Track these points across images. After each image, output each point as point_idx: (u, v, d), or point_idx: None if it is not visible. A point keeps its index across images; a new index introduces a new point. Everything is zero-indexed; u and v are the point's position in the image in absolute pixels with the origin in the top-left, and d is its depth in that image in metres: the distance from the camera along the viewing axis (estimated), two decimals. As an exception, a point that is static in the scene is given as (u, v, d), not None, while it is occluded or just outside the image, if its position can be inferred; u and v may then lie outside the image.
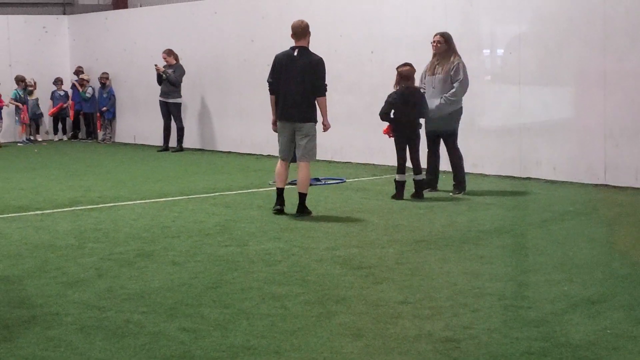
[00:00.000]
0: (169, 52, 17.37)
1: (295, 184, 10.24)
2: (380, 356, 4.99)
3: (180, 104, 17.54)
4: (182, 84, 17.44)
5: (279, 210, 9.73)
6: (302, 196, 9.68)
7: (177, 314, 5.96)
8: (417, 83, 10.92)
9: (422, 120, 10.73)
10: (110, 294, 6.55)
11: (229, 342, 5.31)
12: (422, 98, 10.55)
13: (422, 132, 10.83)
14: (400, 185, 10.63)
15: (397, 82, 10.58)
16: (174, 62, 17.33)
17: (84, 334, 5.58)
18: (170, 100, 17.42)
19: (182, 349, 5.23)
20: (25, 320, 5.91)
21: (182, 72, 17.32)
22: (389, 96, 10.64)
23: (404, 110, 10.51)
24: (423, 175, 10.71)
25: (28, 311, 6.14)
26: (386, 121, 10.72)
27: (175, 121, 17.57)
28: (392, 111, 10.65)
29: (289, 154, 9.84)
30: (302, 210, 9.66)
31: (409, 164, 10.65)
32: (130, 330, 5.63)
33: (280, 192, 9.80)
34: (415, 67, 10.73)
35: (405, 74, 10.51)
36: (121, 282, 6.90)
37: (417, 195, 10.56)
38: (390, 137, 10.84)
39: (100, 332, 5.60)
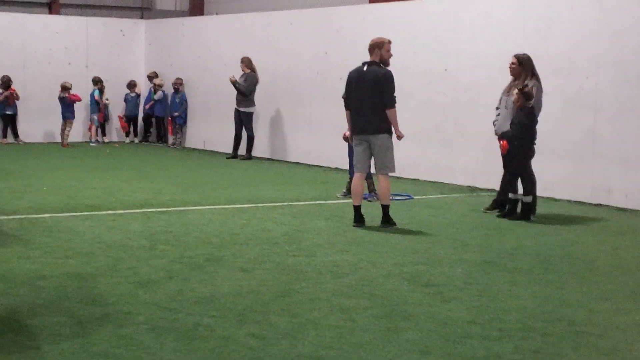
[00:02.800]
0: (243, 60, 17.55)
1: (366, 199, 10.47)
2: (448, 375, 4.99)
3: (252, 113, 17.69)
4: (257, 92, 17.53)
5: (359, 226, 9.86)
6: (385, 208, 9.90)
7: (246, 320, 6.02)
8: (496, 103, 10.95)
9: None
10: (181, 296, 6.64)
11: (297, 351, 5.35)
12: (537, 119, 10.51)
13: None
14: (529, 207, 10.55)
15: (522, 104, 10.36)
16: (247, 70, 17.50)
17: (155, 334, 5.67)
18: (242, 109, 17.59)
19: (251, 355, 5.28)
20: (97, 318, 6.03)
21: (253, 82, 17.45)
22: (530, 117, 10.47)
23: (532, 132, 10.46)
24: (519, 196, 10.62)
25: (100, 309, 6.26)
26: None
27: (245, 130, 17.73)
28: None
29: (365, 166, 9.98)
30: (387, 221, 9.87)
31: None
32: (200, 333, 5.71)
33: (357, 209, 9.93)
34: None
35: (531, 94, 10.36)
36: (191, 285, 7.00)
37: (524, 217, 10.52)
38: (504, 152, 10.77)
39: (171, 333, 5.69)
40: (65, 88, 19.86)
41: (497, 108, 11.02)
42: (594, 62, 12.04)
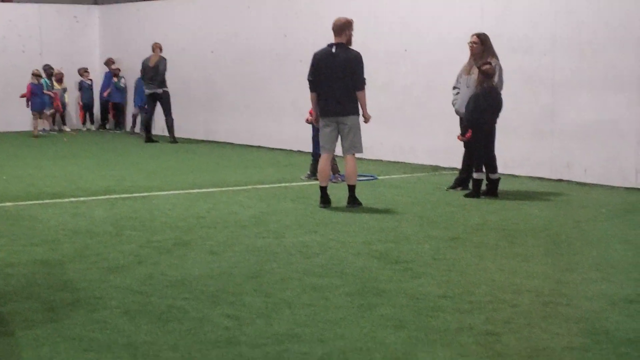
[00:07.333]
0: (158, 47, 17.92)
1: (330, 181, 10.53)
2: (423, 347, 5.05)
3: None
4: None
5: (326, 207, 9.88)
6: (352, 188, 9.94)
7: (219, 301, 6.04)
8: (454, 82, 11.04)
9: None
10: (152, 280, 6.63)
11: (273, 330, 5.38)
12: (500, 97, 10.55)
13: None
14: (478, 184, 10.59)
15: (481, 82, 10.42)
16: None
17: (129, 317, 5.66)
18: (164, 89, 17.92)
19: (227, 334, 5.30)
20: (69, 303, 6.00)
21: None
22: (478, 100, 10.42)
23: (489, 111, 10.48)
24: (498, 175, 10.71)
25: (71, 294, 6.23)
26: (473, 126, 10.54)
27: (167, 112, 18.01)
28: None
29: (332, 147, 10.01)
30: (353, 202, 9.90)
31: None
32: (174, 315, 5.71)
33: (323, 190, 9.96)
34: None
35: (491, 72, 10.40)
36: (161, 269, 6.99)
37: (492, 194, 10.58)
38: (460, 139, 10.80)
39: (145, 316, 5.69)
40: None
41: (455, 87, 11.11)
42: (551, 40, 12.18)
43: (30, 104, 19.32)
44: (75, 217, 9.31)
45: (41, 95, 19.33)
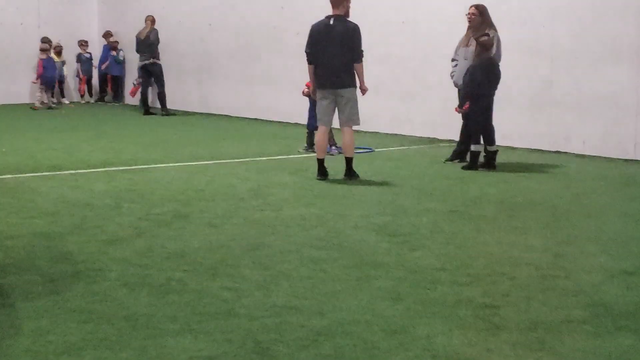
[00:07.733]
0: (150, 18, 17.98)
1: (328, 153, 10.54)
2: (421, 320, 5.06)
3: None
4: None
5: (323, 179, 9.88)
6: (349, 160, 9.93)
7: (218, 273, 6.05)
8: (452, 54, 11.01)
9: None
10: (151, 252, 6.64)
11: (271, 302, 5.40)
12: (498, 69, 10.52)
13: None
14: (476, 156, 10.63)
15: (479, 54, 10.41)
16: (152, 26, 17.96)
17: (129, 289, 5.68)
18: (155, 60, 17.99)
19: (226, 306, 5.32)
20: (69, 275, 6.02)
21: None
22: (475, 71, 10.42)
23: (487, 83, 10.45)
24: (496, 147, 10.71)
25: (71, 266, 6.25)
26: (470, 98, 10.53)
27: (159, 84, 18.10)
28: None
29: (330, 120, 10.00)
30: (350, 174, 9.90)
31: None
32: (174, 287, 5.73)
33: (321, 162, 9.94)
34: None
35: (489, 43, 10.38)
36: (160, 241, 6.99)
37: (490, 166, 10.59)
38: (458, 111, 10.78)
39: (145, 288, 5.70)
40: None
41: (453, 60, 11.10)
42: (550, 11, 12.13)
43: (40, 78, 19.30)
44: (74, 190, 9.32)
45: (52, 69, 19.28)
